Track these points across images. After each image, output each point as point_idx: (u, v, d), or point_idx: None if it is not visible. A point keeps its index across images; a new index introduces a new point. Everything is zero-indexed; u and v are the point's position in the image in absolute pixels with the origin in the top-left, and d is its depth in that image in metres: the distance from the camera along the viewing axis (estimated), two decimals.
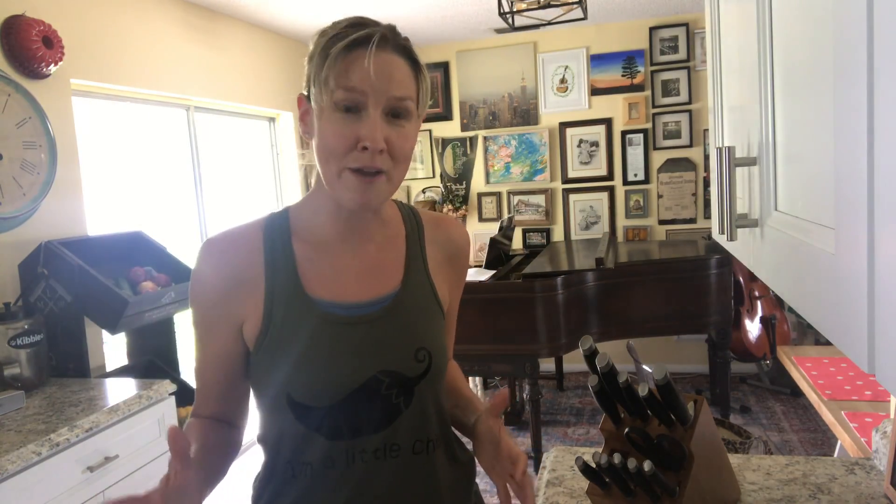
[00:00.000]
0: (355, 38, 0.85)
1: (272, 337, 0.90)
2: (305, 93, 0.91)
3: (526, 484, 0.91)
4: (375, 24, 0.88)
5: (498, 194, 4.78)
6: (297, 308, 0.91)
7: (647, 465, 0.90)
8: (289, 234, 0.94)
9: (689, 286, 3.36)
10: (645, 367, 2.50)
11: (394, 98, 0.86)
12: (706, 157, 4.35)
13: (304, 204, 0.98)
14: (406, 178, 0.95)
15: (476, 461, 1.01)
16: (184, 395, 2.52)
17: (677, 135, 4.42)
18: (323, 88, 0.85)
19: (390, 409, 0.92)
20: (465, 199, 4.82)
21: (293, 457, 0.93)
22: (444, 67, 4.75)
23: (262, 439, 0.98)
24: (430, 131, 4.84)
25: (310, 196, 0.97)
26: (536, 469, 3.34)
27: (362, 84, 0.84)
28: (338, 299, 0.92)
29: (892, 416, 1.44)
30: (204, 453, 0.92)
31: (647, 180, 4.50)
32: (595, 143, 4.56)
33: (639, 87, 4.44)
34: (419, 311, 0.97)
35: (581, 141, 4.58)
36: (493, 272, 3.55)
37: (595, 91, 4.52)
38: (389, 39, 0.87)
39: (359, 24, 0.87)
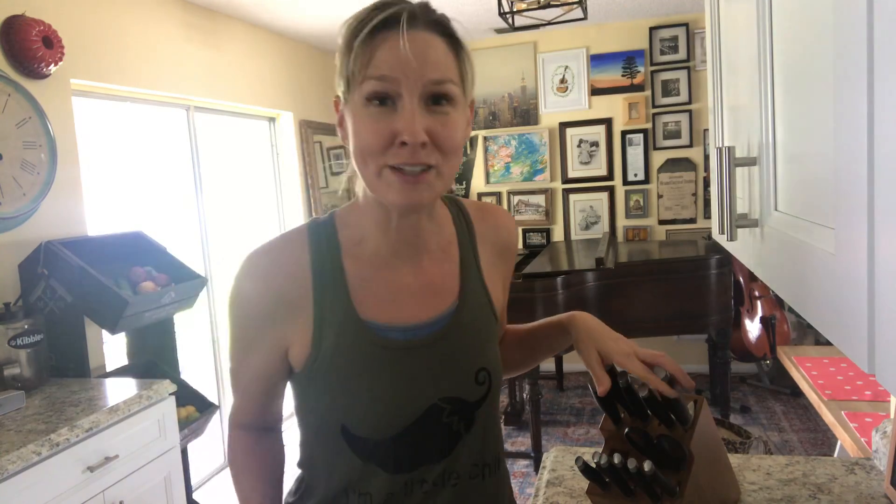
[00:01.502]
0: (380, 20, 0.74)
1: (322, 364, 0.83)
2: (339, 92, 0.81)
3: (660, 360, 0.91)
4: (403, 1, 0.78)
5: (498, 194, 4.78)
6: (351, 334, 0.83)
7: (647, 465, 0.90)
8: (338, 250, 0.85)
9: (689, 286, 3.36)
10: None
11: (431, 82, 0.75)
12: (706, 157, 4.35)
13: (350, 214, 0.88)
14: None
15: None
16: (184, 396, 2.52)
17: (677, 135, 4.42)
18: (351, 83, 0.76)
19: (451, 437, 0.86)
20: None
21: (349, 487, 0.87)
22: None
23: (309, 464, 0.93)
24: None
25: (355, 206, 0.88)
26: (536, 469, 3.34)
27: (393, 70, 0.74)
28: (394, 322, 0.84)
29: (892, 416, 1.44)
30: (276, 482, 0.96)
31: (647, 180, 4.50)
32: (595, 143, 4.56)
33: (639, 87, 4.43)
34: (477, 327, 0.89)
35: (581, 141, 4.58)
36: None
37: (595, 91, 4.52)
38: (419, 16, 0.76)
39: (383, 4, 0.77)
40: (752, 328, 4.07)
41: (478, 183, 4.81)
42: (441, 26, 0.78)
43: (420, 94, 0.75)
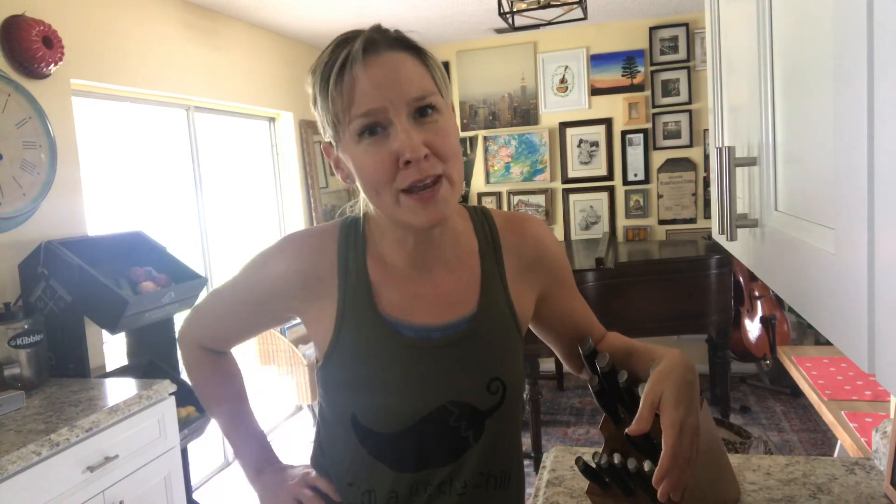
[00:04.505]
0: (342, 59, 0.76)
1: (341, 351, 0.86)
2: (327, 139, 0.84)
3: (667, 462, 0.74)
4: (358, 32, 0.79)
5: (498, 194, 4.78)
6: (369, 325, 0.85)
7: (647, 465, 0.90)
8: (364, 249, 0.88)
9: (689, 286, 3.35)
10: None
11: (413, 99, 0.77)
12: (706, 157, 4.35)
13: (375, 221, 0.89)
14: None
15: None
16: (184, 396, 2.52)
17: (677, 135, 4.42)
18: (339, 126, 0.79)
19: (458, 442, 0.87)
20: (465, 200, 4.82)
21: (355, 480, 0.89)
22: (444, 67, 4.74)
23: (319, 456, 0.97)
24: None
25: (376, 220, 0.89)
26: (536, 469, 3.34)
27: (375, 102, 0.75)
28: (409, 320, 0.86)
29: (892, 416, 1.44)
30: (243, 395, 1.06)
31: (647, 180, 4.50)
32: (595, 143, 4.56)
33: (639, 87, 4.43)
34: (495, 337, 0.89)
35: (581, 141, 4.58)
36: None
37: (595, 91, 4.52)
38: (379, 41, 0.78)
39: (342, 41, 0.79)
40: (752, 328, 4.07)
41: (478, 183, 4.81)
42: (401, 42, 0.80)
43: (407, 113, 0.77)
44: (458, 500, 0.88)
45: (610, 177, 4.56)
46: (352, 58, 0.76)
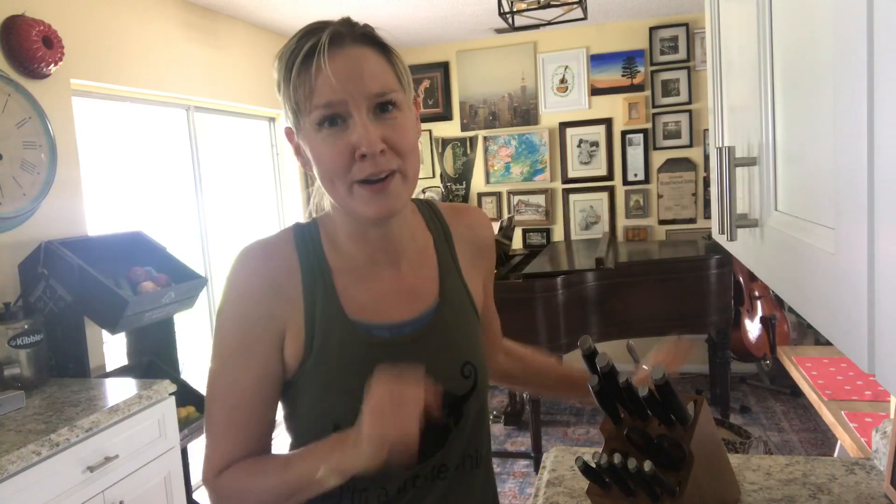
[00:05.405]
0: (307, 50, 0.77)
1: (314, 361, 0.84)
2: (289, 124, 0.85)
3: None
4: (326, 24, 0.80)
5: (498, 194, 4.78)
6: (339, 331, 0.85)
7: (647, 465, 0.90)
8: (322, 250, 0.88)
9: (689, 286, 3.35)
10: (644, 367, 2.50)
11: (374, 95, 0.78)
12: (706, 157, 4.35)
13: (330, 221, 0.90)
14: None
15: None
16: (184, 396, 2.52)
17: (677, 135, 4.42)
18: (299, 114, 0.80)
19: (442, 431, 0.89)
20: (465, 200, 4.82)
21: (344, 486, 0.85)
22: (444, 67, 4.75)
23: None
24: (430, 131, 4.84)
25: (333, 216, 0.90)
26: (536, 469, 3.34)
27: (335, 94, 0.77)
28: (378, 320, 0.87)
29: (892, 416, 1.44)
30: None
31: (647, 180, 4.50)
32: (595, 143, 4.56)
33: (639, 87, 4.43)
34: (459, 323, 0.92)
35: (581, 141, 4.58)
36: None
37: (595, 91, 4.52)
38: (345, 34, 0.79)
39: (309, 31, 0.80)
40: (752, 328, 4.07)
41: (478, 183, 4.81)
42: (367, 38, 0.81)
43: (367, 108, 0.78)
44: (444, 486, 0.90)
45: (610, 177, 4.56)
46: (316, 49, 0.77)
